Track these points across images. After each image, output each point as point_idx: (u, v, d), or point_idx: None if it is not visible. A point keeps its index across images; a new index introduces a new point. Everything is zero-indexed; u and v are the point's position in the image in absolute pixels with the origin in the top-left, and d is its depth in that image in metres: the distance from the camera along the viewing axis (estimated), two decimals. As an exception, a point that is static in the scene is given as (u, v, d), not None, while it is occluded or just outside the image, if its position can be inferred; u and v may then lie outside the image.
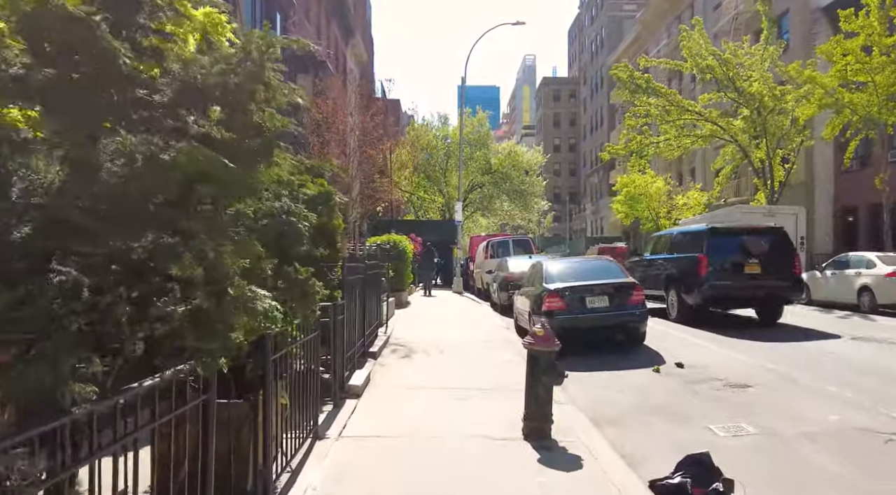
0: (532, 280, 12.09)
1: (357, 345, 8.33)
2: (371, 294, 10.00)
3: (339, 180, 13.21)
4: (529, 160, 45.73)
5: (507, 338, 11.71)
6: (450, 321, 14.84)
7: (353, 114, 14.26)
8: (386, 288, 13.58)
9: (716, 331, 12.45)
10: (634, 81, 25.75)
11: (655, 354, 10.36)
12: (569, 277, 11.12)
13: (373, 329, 10.26)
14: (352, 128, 13.17)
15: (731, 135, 27.16)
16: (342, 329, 6.89)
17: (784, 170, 27.29)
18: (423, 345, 10.54)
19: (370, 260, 10.03)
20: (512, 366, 8.68)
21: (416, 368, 8.68)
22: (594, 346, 10.84)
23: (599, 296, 10.43)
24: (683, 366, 9.26)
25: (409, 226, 33.16)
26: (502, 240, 25.95)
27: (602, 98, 71.13)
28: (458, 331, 12.75)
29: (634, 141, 27.67)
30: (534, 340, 5.70)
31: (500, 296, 18.33)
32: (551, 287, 10.64)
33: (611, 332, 10.81)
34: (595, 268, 11.54)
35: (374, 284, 10.22)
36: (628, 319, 10.53)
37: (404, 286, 19.30)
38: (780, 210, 23.61)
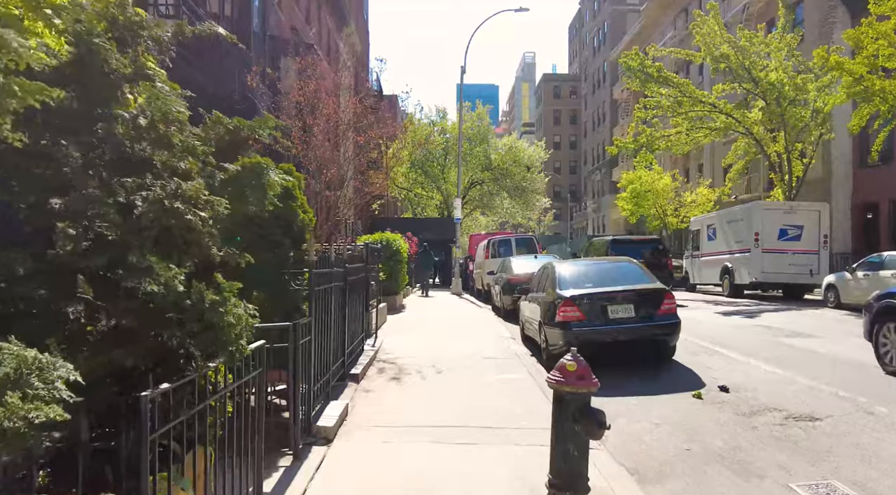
0: (542, 284, 10.55)
1: (334, 367, 6.78)
2: (355, 302, 8.45)
3: (324, 171, 11.64)
4: (531, 156, 44.13)
5: (514, 352, 10.15)
6: (448, 329, 13.28)
7: (343, 95, 12.70)
8: (376, 292, 12.02)
9: (736, 339, 10.94)
10: (645, 70, 24.16)
11: (688, 372, 8.83)
12: (586, 282, 9.57)
13: (357, 343, 8.71)
14: (343, 109, 11.58)
15: (745, 127, 25.60)
16: (308, 355, 5.34)
17: (802, 165, 25.75)
18: (416, 362, 8.99)
19: (354, 261, 8.44)
20: (522, 391, 7.15)
21: (407, 395, 7.11)
22: (616, 362, 9.32)
23: (623, 305, 8.87)
24: (728, 390, 7.72)
25: (405, 225, 31.63)
26: (504, 239, 24.41)
27: (604, 94, 69.61)
28: (458, 342, 11.20)
29: (644, 134, 26.09)
30: (563, 377, 4.15)
31: (503, 300, 16.78)
32: (566, 293, 9.09)
33: (636, 347, 9.26)
34: (615, 272, 9.99)
35: (358, 291, 8.67)
36: (658, 332, 8.98)
37: (398, 289, 17.74)
38: (803, 206, 22.08)
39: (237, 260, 3.50)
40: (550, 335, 9.24)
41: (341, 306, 7.37)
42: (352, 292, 8.18)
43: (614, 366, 9.28)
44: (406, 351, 10.04)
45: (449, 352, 9.97)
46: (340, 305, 7.33)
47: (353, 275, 8.08)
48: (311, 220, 6.36)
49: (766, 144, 25.82)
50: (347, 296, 7.73)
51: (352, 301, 8.20)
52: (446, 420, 6.12)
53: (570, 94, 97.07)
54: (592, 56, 77.22)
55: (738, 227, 22.97)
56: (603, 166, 70.23)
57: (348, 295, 7.82)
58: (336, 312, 6.84)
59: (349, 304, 7.94)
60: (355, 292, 8.55)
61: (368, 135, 11.83)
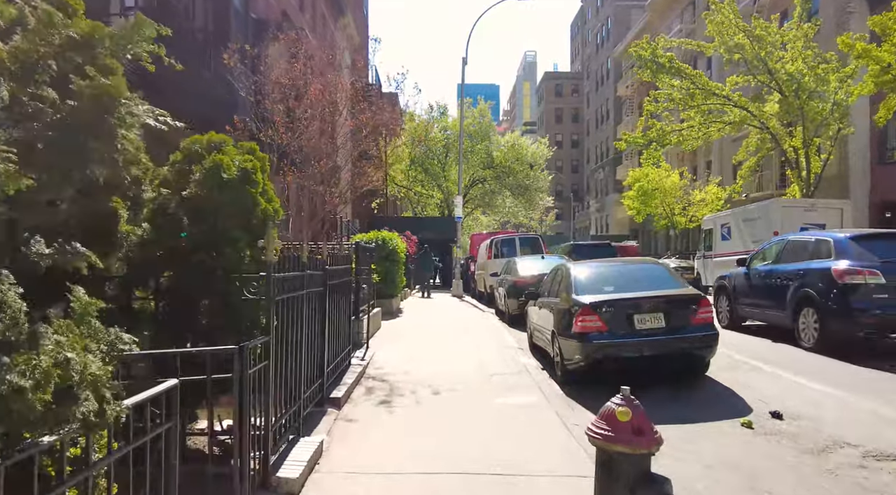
0: (554, 288, 9.29)
1: (308, 392, 5.53)
2: (339, 310, 7.20)
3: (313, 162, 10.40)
4: (534, 153, 42.85)
5: (523, 365, 8.89)
6: (448, 337, 12.02)
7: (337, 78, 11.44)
8: (368, 297, 10.78)
9: (771, 349, 9.68)
10: (657, 60, 22.88)
11: (728, 392, 7.58)
12: (605, 286, 8.31)
13: (342, 358, 7.45)
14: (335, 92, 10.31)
15: (761, 121, 24.32)
16: (265, 384, 4.09)
17: (820, 161, 24.48)
18: (411, 380, 7.73)
19: (339, 262, 7.17)
20: (537, 423, 5.90)
21: (398, 427, 5.84)
22: (640, 378, 8.07)
23: (652, 314, 7.61)
24: (782, 417, 6.47)
25: (405, 224, 30.41)
26: (508, 238, 23.13)
27: (608, 91, 68.34)
28: (459, 353, 9.95)
29: (654, 128, 24.81)
30: (611, 430, 2.90)
31: (507, 304, 15.53)
32: (584, 300, 7.83)
33: (665, 362, 8.00)
34: (639, 275, 8.72)
35: (344, 297, 7.41)
36: (693, 345, 7.72)
37: (395, 291, 16.49)
38: (825, 204, 20.80)
39: (76, 263, 2.21)
40: (566, 347, 7.99)
41: (319, 317, 6.12)
42: (335, 299, 6.94)
43: (640, 384, 8.03)
44: (400, 365, 8.78)
45: (449, 366, 8.72)
46: (319, 315, 6.09)
47: (335, 279, 6.83)
48: (278, 212, 5.10)
49: (783, 139, 24.55)
50: (329, 303, 6.49)
51: (335, 309, 6.96)
52: (444, 464, 4.85)
53: (573, 92, 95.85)
54: (595, 53, 75.95)
55: (755, 226, 21.69)
56: (606, 165, 68.97)
57: (330, 302, 6.57)
58: (311, 325, 5.59)
59: (331, 313, 6.69)
60: (340, 298, 7.31)
61: (360, 119, 10.55)
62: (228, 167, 4.76)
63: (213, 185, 4.66)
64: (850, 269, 9.28)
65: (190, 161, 4.85)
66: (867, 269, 9.13)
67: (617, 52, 62.59)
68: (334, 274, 6.72)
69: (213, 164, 4.72)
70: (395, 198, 44.84)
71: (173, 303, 4.27)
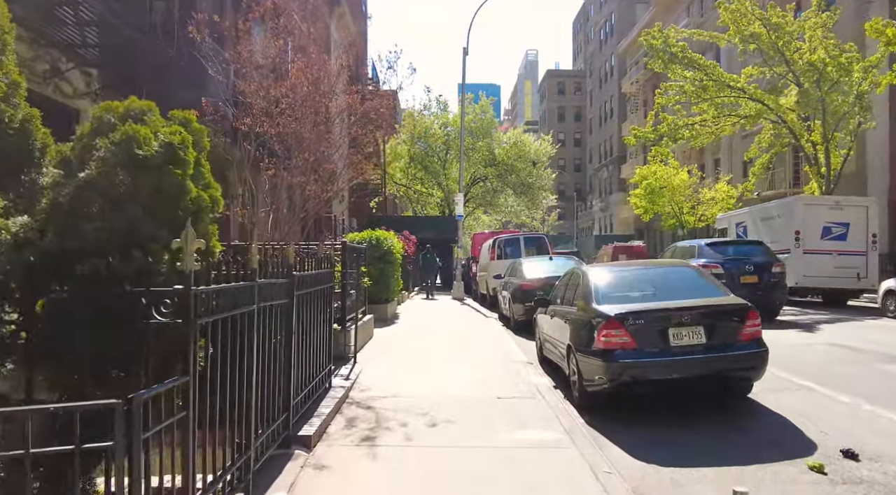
0: (569, 295, 8.06)
1: (263, 438, 4.29)
2: (315, 323, 5.96)
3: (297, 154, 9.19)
4: (537, 150, 41.57)
5: (535, 386, 7.64)
6: (447, 348, 10.78)
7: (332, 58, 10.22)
8: (356, 304, 9.56)
9: (815, 364, 8.46)
10: (669, 49, 21.62)
11: (780, 420, 6.35)
12: (632, 294, 7.09)
13: (319, 381, 6.21)
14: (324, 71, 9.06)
15: (778, 115, 23.05)
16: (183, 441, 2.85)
17: (840, 157, 23.21)
18: (402, 406, 6.48)
19: (316, 267, 5.93)
20: (560, 472, 4.65)
21: (382, 483, 4.56)
22: (670, 399, 6.87)
23: (691, 328, 6.37)
24: (858, 457, 5.23)
25: (404, 223, 29.29)
26: (511, 238, 21.92)
27: (612, 88, 67.08)
28: (459, 368, 8.71)
29: (665, 122, 23.56)
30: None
31: (513, 310, 14.30)
32: (608, 310, 6.59)
33: (702, 383, 6.78)
34: (670, 280, 7.49)
35: (319, 309, 6.17)
36: (739, 366, 6.49)
37: (390, 295, 15.25)
38: (850, 202, 19.55)
39: None
40: (586, 366, 6.75)
41: (284, 336, 4.89)
42: (309, 311, 5.71)
43: (670, 407, 6.82)
44: (390, 385, 7.53)
45: (447, 387, 7.48)
46: (283, 334, 4.86)
47: (309, 287, 5.59)
48: (217, 202, 3.87)
49: (800, 134, 23.28)
50: (299, 318, 5.25)
51: (308, 324, 5.72)
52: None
53: (575, 90, 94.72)
54: (599, 50, 74.68)
55: (775, 225, 20.45)
56: (610, 163, 67.74)
57: (301, 316, 5.34)
58: (268, 349, 4.35)
59: (302, 330, 5.46)
60: (317, 310, 6.08)
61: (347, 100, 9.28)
62: (146, 141, 3.52)
63: (123, 165, 3.43)
64: (704, 264, 13.99)
65: (97, 133, 3.62)
66: (713, 264, 14.60)
67: (621, 48, 61.33)
68: (307, 281, 5.48)
69: (125, 137, 3.49)
70: (394, 197, 43.64)
71: (56, 326, 3.04)
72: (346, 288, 8.76)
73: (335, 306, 8.72)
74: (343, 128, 9.79)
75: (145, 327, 2.96)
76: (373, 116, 9.36)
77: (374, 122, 9.39)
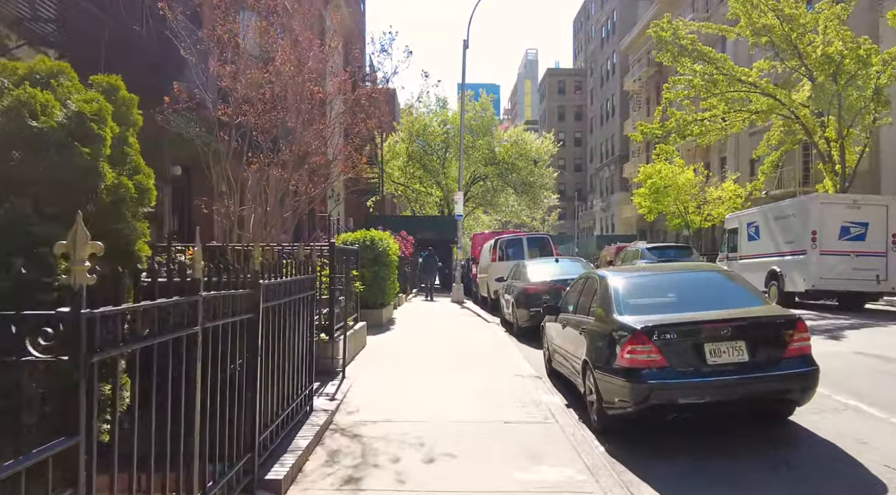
0: (584, 303, 7.17)
1: (217, 489, 3.38)
2: (288, 341, 5.06)
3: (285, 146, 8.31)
4: (539, 148, 40.64)
5: (546, 407, 6.73)
6: (446, 360, 9.86)
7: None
8: (346, 311, 8.66)
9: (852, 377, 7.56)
10: (679, 41, 20.71)
11: (836, 452, 5.44)
12: (658, 303, 6.20)
13: (293, 410, 5.30)
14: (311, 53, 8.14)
15: (791, 110, 22.15)
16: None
17: (856, 154, 22.33)
18: (394, 436, 5.57)
19: (291, 272, 5.03)
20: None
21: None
22: (697, 420, 5.98)
23: (731, 343, 5.47)
24: (943, 505, 4.34)
25: (402, 223, 28.46)
26: (514, 238, 21.02)
27: (613, 86, 66.20)
28: (460, 385, 7.80)
29: (674, 118, 22.65)
30: None
31: (516, 315, 13.39)
32: (633, 322, 5.69)
33: (739, 405, 5.87)
34: (701, 286, 6.58)
35: (296, 321, 5.26)
36: (786, 387, 5.59)
37: (386, 300, 14.35)
38: (868, 200, 18.65)
39: None
40: (607, 387, 5.85)
41: (250, 359, 3.99)
42: (282, 325, 4.82)
43: (701, 428, 5.92)
44: (382, 406, 6.63)
45: (447, 408, 6.57)
46: (249, 358, 3.96)
47: (282, 298, 4.70)
48: (147, 193, 2.98)
49: (814, 130, 22.39)
50: (267, 335, 4.36)
51: (283, 339, 4.83)
52: None
53: (576, 89, 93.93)
54: (600, 48, 73.79)
55: (790, 225, 19.53)
56: (612, 162, 66.86)
57: (270, 332, 4.45)
58: (222, 380, 3.45)
59: (273, 349, 4.57)
60: (294, 322, 5.18)
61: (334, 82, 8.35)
62: (45, 109, 2.62)
63: (11, 140, 2.52)
64: None
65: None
66: None
67: (623, 45, 60.44)
68: (279, 290, 4.58)
69: (14, 104, 2.58)
70: (392, 197, 42.75)
71: None
72: (334, 294, 7.86)
73: (323, 312, 7.85)
74: (333, 116, 8.89)
75: (13, 366, 2.06)
76: (364, 103, 8.43)
77: (366, 109, 8.48)
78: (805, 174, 31.76)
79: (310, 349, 5.81)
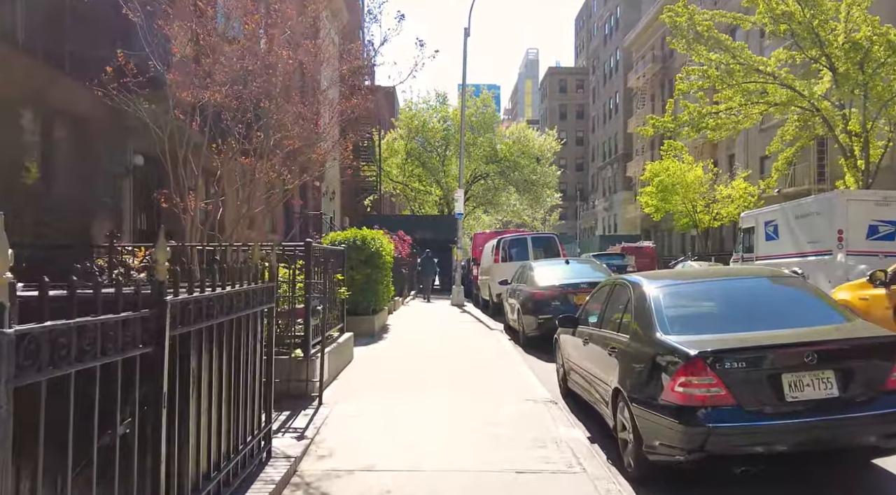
0: (613, 315, 5.88)
1: None
2: (226, 372, 3.75)
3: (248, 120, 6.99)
4: (541, 146, 39.35)
5: (567, 445, 5.40)
6: (445, 378, 8.53)
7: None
8: (324, 324, 7.35)
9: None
10: (695, 28, 19.38)
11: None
12: (713, 319, 4.90)
13: (234, 466, 3.97)
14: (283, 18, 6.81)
15: (811, 102, 20.84)
16: None
17: (880, 148, 21.03)
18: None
19: (239, 279, 3.68)
20: None
21: None
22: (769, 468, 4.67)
23: (816, 373, 4.16)
24: None
25: (399, 223, 27.27)
26: (518, 238, 19.70)
27: (617, 84, 64.92)
28: (461, 415, 6.47)
29: (687, 110, 21.33)
30: None
31: (523, 322, 12.08)
32: (687, 346, 4.38)
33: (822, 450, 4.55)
34: (765, 299, 5.27)
35: (230, 349, 3.94)
36: (888, 432, 4.25)
37: (378, 305, 13.04)
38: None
39: None
40: (649, 425, 4.54)
41: (150, 413, 2.68)
42: (224, 350, 3.51)
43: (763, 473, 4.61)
44: (363, 448, 5.29)
45: (446, 451, 5.25)
46: (149, 410, 2.65)
47: (206, 320, 3.38)
48: None
49: (835, 123, 21.07)
50: (185, 369, 3.05)
51: (222, 371, 3.52)
52: None
53: (577, 88, 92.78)
54: (603, 45, 72.51)
55: (813, 223, 18.22)
56: (615, 161, 65.57)
57: (210, 360, 3.14)
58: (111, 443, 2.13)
59: (211, 382, 3.26)
60: (239, 346, 3.87)
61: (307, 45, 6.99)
62: None
63: None
64: None
65: None
66: None
67: (627, 42, 59.17)
68: (203, 308, 3.26)
69: None
70: (390, 196, 41.48)
71: None
72: (310, 303, 6.55)
73: (298, 325, 6.55)
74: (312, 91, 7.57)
75: None
76: (344, 70, 7.09)
77: (346, 80, 7.16)
78: (820, 171, 30.45)
79: (265, 380, 4.49)
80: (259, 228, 9.11)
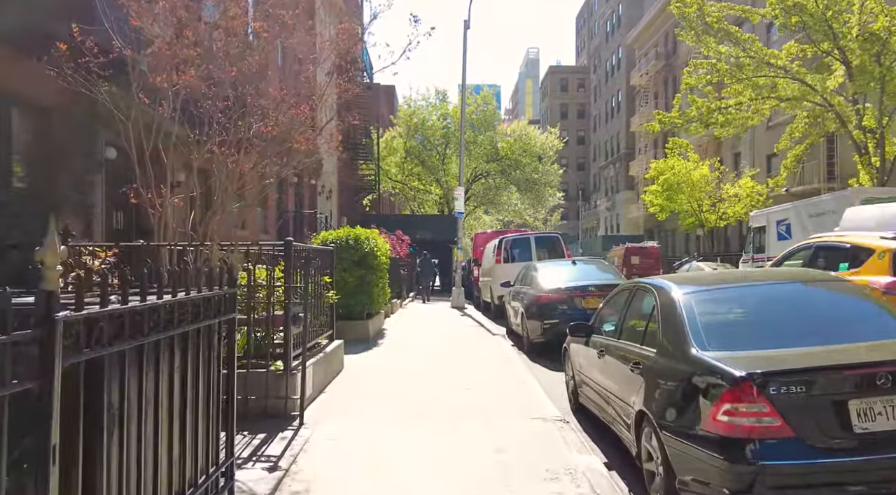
0: (635, 326, 5.16)
1: None
2: (164, 404, 3.01)
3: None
4: (543, 144, 38.61)
5: (586, 477, 4.67)
6: (444, 392, 7.79)
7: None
8: (309, 331, 6.63)
9: None
10: (704, 19, 18.65)
11: None
12: (757, 329, 4.17)
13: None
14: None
15: (823, 96, 20.10)
16: None
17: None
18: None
19: (189, 285, 2.93)
20: None
21: None
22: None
23: (889, 399, 3.42)
24: None
25: (398, 222, 26.60)
26: (520, 238, 18.97)
27: (619, 82, 64.15)
28: (460, 441, 5.72)
29: (695, 105, 20.60)
30: None
31: (527, 328, 11.34)
32: (732, 365, 3.65)
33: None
34: (814, 305, 4.54)
35: (178, 369, 3.21)
36: None
37: (374, 308, 12.31)
38: (918, 194, 16.53)
39: None
40: (683, 458, 3.81)
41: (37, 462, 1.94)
42: (163, 376, 2.78)
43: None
44: (346, 485, 4.56)
45: (446, 488, 4.51)
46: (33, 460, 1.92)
47: (148, 333, 2.65)
48: None
49: (849, 119, 20.33)
50: (99, 405, 2.31)
51: (158, 402, 2.79)
52: None
53: (578, 87, 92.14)
54: (605, 43, 71.74)
55: (828, 222, 17.49)
56: (617, 160, 64.81)
57: (138, 391, 2.41)
58: None
59: (140, 418, 2.52)
60: (185, 369, 3.15)
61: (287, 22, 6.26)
62: None
63: None
64: None
65: None
66: None
67: (629, 39, 58.42)
68: (122, 325, 2.52)
69: None
70: (389, 195, 40.78)
71: None
72: (290, 309, 5.82)
73: (277, 334, 5.82)
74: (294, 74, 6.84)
75: None
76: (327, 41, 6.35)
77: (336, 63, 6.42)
78: (829, 169, 29.71)
79: (222, 407, 3.75)
80: (251, 228, 8.39)
